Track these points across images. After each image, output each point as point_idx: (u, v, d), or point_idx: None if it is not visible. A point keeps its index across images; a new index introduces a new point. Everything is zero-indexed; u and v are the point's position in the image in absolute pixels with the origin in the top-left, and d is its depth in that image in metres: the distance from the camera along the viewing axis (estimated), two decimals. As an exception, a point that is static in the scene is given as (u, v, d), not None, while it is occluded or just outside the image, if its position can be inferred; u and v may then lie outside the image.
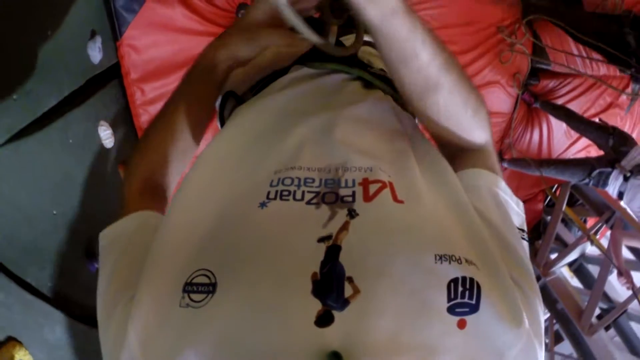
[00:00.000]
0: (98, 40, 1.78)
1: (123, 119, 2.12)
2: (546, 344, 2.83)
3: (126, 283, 0.43)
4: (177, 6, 2.03)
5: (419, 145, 0.55)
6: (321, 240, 0.40)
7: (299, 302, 0.36)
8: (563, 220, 3.01)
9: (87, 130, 1.79)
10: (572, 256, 2.88)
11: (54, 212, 1.50)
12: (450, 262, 0.39)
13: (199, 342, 0.35)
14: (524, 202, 3.25)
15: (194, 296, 0.38)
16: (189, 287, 0.38)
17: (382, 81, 0.66)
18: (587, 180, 2.49)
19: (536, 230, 3.30)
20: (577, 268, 3.04)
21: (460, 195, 0.47)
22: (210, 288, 0.38)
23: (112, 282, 0.45)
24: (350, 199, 0.44)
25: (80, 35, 1.69)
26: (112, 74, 2.00)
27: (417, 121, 0.71)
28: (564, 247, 2.93)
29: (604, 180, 2.37)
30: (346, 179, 0.46)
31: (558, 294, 2.74)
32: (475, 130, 0.55)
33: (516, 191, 3.21)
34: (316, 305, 0.36)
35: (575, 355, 2.67)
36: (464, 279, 0.38)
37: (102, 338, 0.42)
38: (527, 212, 3.27)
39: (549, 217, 3.11)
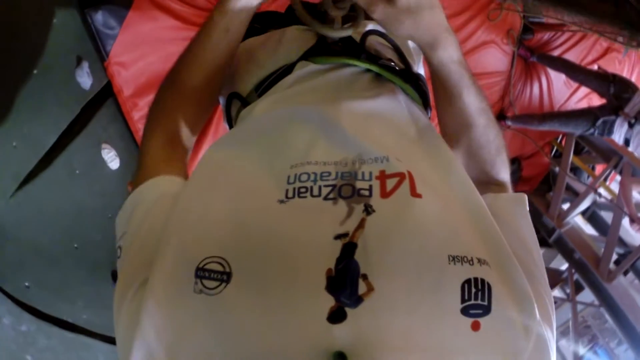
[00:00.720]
0: (85, 65, 1.75)
1: (124, 137, 2.11)
2: (567, 294, 2.86)
3: (137, 269, 0.42)
4: (158, 14, 1.98)
5: (430, 140, 0.55)
6: (337, 237, 0.40)
7: (312, 297, 0.37)
8: (572, 169, 3.00)
9: (91, 156, 1.79)
10: (584, 205, 2.89)
11: (75, 246, 1.53)
12: (462, 264, 0.39)
13: (210, 328, 0.36)
14: (530, 156, 3.25)
15: (207, 282, 0.38)
16: (201, 273, 0.38)
17: (391, 73, 0.64)
18: (591, 130, 2.47)
19: (546, 183, 3.31)
20: (591, 215, 3.06)
21: (472, 191, 0.48)
22: (224, 277, 0.38)
23: (124, 271, 0.44)
24: (367, 192, 0.43)
25: (66, 65, 1.66)
26: (105, 94, 1.98)
27: (429, 114, 0.71)
28: (576, 197, 2.94)
29: (608, 129, 2.35)
30: (363, 171, 0.46)
31: (574, 244, 2.77)
32: (499, 168, 0.61)
33: (522, 147, 3.17)
34: (329, 302, 0.36)
35: (596, 302, 2.73)
36: (475, 280, 0.39)
37: (116, 329, 0.41)
38: (535, 165, 3.26)
39: (557, 168, 3.11)
